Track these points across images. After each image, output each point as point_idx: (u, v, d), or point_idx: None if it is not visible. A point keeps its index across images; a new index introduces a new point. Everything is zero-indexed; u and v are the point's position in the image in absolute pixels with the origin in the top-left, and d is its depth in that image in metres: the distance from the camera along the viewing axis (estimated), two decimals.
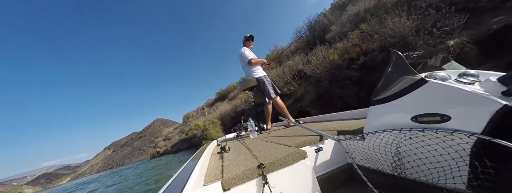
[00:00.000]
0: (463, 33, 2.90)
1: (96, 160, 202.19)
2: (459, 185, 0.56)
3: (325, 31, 6.93)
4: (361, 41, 4.29)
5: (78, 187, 16.29)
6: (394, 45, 3.65)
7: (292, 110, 5.86)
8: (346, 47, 4.54)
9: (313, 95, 5.20)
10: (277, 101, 2.18)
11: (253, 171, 0.73)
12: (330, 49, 5.11)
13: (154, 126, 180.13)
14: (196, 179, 0.69)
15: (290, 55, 8.05)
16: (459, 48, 2.84)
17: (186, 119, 23.26)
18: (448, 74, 0.58)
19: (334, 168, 0.99)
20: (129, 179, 9.86)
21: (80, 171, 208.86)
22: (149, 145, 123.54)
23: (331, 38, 6.01)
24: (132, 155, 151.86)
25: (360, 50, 4.22)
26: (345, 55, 4.44)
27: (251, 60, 2.19)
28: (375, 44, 4.03)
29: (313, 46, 6.84)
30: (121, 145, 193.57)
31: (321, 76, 4.87)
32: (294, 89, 6.02)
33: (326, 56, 4.93)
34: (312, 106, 5.16)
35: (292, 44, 7.12)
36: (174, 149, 21.68)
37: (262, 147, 1.13)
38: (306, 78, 5.78)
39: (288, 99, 6.27)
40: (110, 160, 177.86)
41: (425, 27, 3.26)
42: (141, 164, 19.47)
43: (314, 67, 5.07)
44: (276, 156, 0.81)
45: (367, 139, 0.79)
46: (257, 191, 0.72)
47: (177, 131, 24.00)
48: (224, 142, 1.98)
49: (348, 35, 4.88)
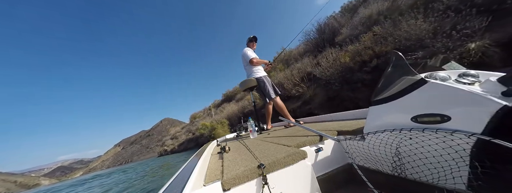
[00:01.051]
0: (486, 36, 2.77)
1: (107, 156, 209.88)
2: (459, 185, 0.56)
3: (334, 34, 6.86)
4: (374, 43, 4.21)
5: (95, 178, 17.01)
6: (410, 47, 3.55)
7: (300, 112, 5.82)
8: (358, 50, 4.46)
9: (323, 97, 5.14)
10: (277, 101, 2.17)
11: (253, 171, 0.72)
12: (341, 51, 5.05)
13: (161, 125, 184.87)
14: (196, 179, 0.69)
15: (299, 58, 8.03)
16: (481, 51, 2.71)
17: (193, 119, 23.68)
18: (448, 75, 0.58)
19: (334, 168, 0.99)
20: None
21: (92, 166, 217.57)
22: (156, 144, 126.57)
23: (341, 41, 5.94)
24: (140, 153, 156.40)
25: (373, 53, 4.13)
26: (357, 58, 4.37)
27: (252, 59, 2.19)
28: (388, 46, 3.95)
29: (322, 49, 6.79)
30: (130, 142, 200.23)
31: (331, 79, 4.82)
32: (302, 91, 5.98)
33: (336, 59, 4.87)
34: (321, 108, 5.09)
35: (289, 45, 7.08)
36: (181, 148, 22.07)
37: (262, 147, 1.13)
38: (315, 81, 5.73)
39: (297, 101, 6.23)
40: (119, 157, 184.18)
41: (444, 29, 3.15)
42: (151, 161, 20.00)
43: (324, 69, 5.02)
44: (276, 156, 0.81)
45: (367, 139, 0.79)
46: (257, 191, 0.72)
47: (184, 130, 24.46)
48: (224, 142, 1.98)
49: (360, 38, 4.80)
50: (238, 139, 1.98)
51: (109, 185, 8.08)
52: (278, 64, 9.40)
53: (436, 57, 0.77)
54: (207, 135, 12.19)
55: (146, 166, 13.27)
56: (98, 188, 8.16)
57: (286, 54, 9.85)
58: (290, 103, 6.45)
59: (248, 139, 1.81)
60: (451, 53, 2.91)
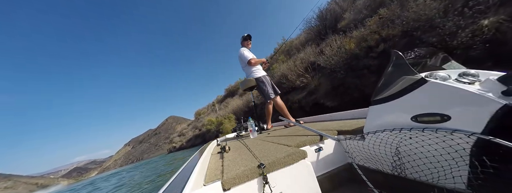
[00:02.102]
0: (500, 11, 2.63)
1: (118, 155, 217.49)
2: (459, 185, 0.56)
3: (337, 20, 6.62)
4: (381, 27, 4.06)
5: (114, 175, 17.68)
6: (419, 29, 3.42)
7: (306, 102, 5.82)
8: (363, 35, 4.32)
9: (328, 86, 5.10)
10: (277, 101, 2.17)
11: (253, 171, 0.72)
12: (346, 38, 4.90)
13: (167, 123, 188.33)
14: (196, 179, 0.69)
15: (300, 48, 7.85)
16: (494, 28, 2.60)
17: (198, 115, 24.00)
18: (448, 74, 0.58)
19: (334, 168, 0.99)
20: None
21: (105, 165, 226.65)
22: (164, 141, 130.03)
23: (344, 27, 5.75)
24: (150, 151, 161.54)
25: (379, 37, 4.00)
26: (363, 44, 4.25)
27: (250, 60, 2.18)
28: (396, 29, 3.80)
29: (325, 36, 6.60)
30: (139, 141, 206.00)
31: (336, 67, 4.74)
32: (307, 82, 5.93)
33: (341, 46, 4.75)
34: (327, 97, 5.08)
35: (290, 35, 6.88)
36: (189, 144, 22.67)
37: (262, 147, 1.13)
38: (320, 70, 5.65)
39: (301, 92, 6.21)
40: (130, 155, 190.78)
41: (455, 7, 3.00)
42: (161, 158, 20.71)
43: (328, 57, 4.92)
44: (276, 156, 0.81)
45: (367, 139, 0.79)
46: (257, 191, 0.71)
47: (190, 127, 24.93)
48: (224, 142, 2.00)
49: (365, 22, 4.62)
50: (238, 139, 1.99)
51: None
52: (280, 55, 9.23)
53: (436, 56, 0.77)
54: (214, 130, 12.42)
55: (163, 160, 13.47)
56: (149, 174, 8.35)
57: (287, 45, 9.63)
58: (295, 94, 6.44)
59: (248, 138, 1.82)
60: (462, 32, 2.80)
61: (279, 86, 6.86)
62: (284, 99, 7.57)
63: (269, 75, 2.42)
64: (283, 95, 6.89)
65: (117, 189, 6.91)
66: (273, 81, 2.36)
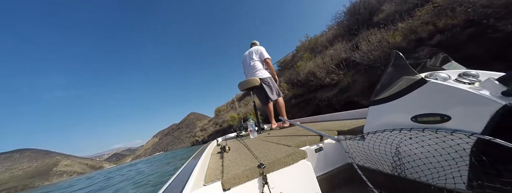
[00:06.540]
0: None
1: (148, 145, 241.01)
2: (459, 185, 0.55)
3: (372, 13, 6.02)
4: (436, 17, 3.51)
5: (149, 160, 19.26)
6: (490, 16, 2.84)
7: (337, 100, 5.47)
8: (411, 27, 3.81)
9: (364, 83, 4.68)
10: (278, 101, 2.21)
11: (253, 171, 0.72)
12: (389, 31, 4.40)
13: (189, 119, 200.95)
14: (196, 179, 0.69)
15: (327, 45, 7.40)
16: None
17: (218, 112, 24.88)
18: (448, 74, 0.57)
19: (334, 168, 0.99)
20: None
21: (137, 153, 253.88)
22: (186, 135, 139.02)
23: (383, 20, 5.19)
24: (173, 143, 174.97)
25: (434, 28, 3.47)
26: (411, 36, 3.74)
27: (268, 59, 2.27)
28: (456, 19, 3.24)
29: (357, 31, 6.08)
30: (164, 134, 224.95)
31: (375, 63, 4.30)
32: (338, 79, 5.55)
33: (383, 39, 4.28)
34: (363, 95, 4.68)
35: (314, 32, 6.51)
36: (210, 138, 23.76)
37: (262, 147, 1.12)
38: (353, 66, 5.22)
39: (331, 90, 5.86)
40: (157, 146, 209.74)
41: None
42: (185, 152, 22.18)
43: (366, 52, 4.49)
44: (276, 156, 0.81)
45: (367, 139, 0.79)
46: (257, 191, 0.71)
47: (211, 123, 26.07)
48: (224, 142, 1.97)
49: (412, 13, 4.07)
50: (238, 139, 1.96)
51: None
52: (304, 53, 8.93)
53: (436, 56, 0.65)
54: (236, 126, 12.73)
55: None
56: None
57: (311, 42, 9.25)
58: (324, 92, 6.11)
59: (248, 139, 1.80)
60: None
61: (307, 83, 6.58)
62: (312, 97, 7.19)
63: (295, 72, 2.43)
64: (310, 93, 6.59)
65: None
66: (299, 78, 2.34)
